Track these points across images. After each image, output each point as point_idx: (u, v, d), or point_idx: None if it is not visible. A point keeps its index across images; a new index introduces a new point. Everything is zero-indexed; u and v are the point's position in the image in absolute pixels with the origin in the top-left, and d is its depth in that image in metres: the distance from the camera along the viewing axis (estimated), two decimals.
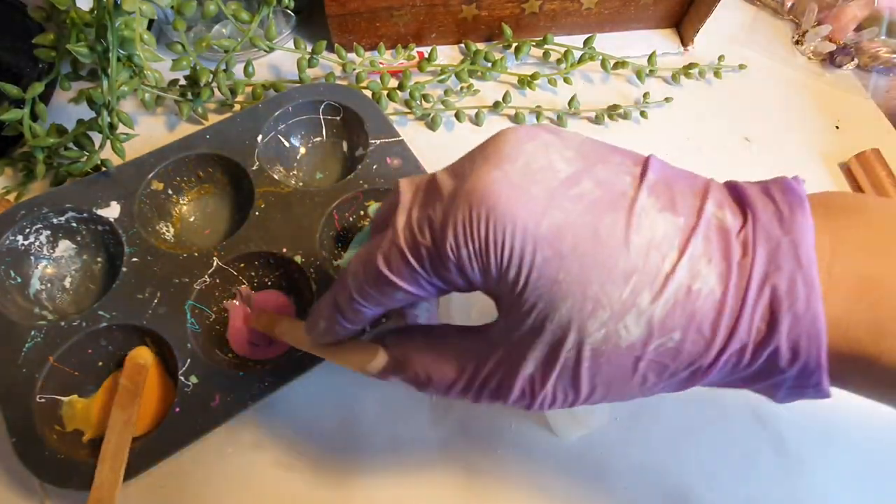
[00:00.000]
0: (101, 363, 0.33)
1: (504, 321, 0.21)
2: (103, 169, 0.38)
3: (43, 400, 0.31)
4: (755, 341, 0.18)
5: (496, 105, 0.45)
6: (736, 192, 0.20)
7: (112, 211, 0.36)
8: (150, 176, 0.37)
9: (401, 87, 0.45)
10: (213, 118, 0.45)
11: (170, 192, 0.38)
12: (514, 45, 0.48)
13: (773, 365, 0.19)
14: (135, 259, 0.34)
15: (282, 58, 0.48)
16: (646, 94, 0.48)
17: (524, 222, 0.18)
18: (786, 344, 0.18)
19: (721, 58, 0.51)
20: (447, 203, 0.19)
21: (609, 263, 0.18)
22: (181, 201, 0.39)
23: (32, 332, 0.32)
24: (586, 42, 0.47)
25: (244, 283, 0.36)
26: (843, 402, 0.36)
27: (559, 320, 0.19)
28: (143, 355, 0.32)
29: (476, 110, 0.46)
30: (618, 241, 0.18)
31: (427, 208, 0.20)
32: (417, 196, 0.21)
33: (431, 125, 0.45)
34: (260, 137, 0.39)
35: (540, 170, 0.19)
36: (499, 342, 0.21)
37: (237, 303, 0.35)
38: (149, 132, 0.44)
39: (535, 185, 0.19)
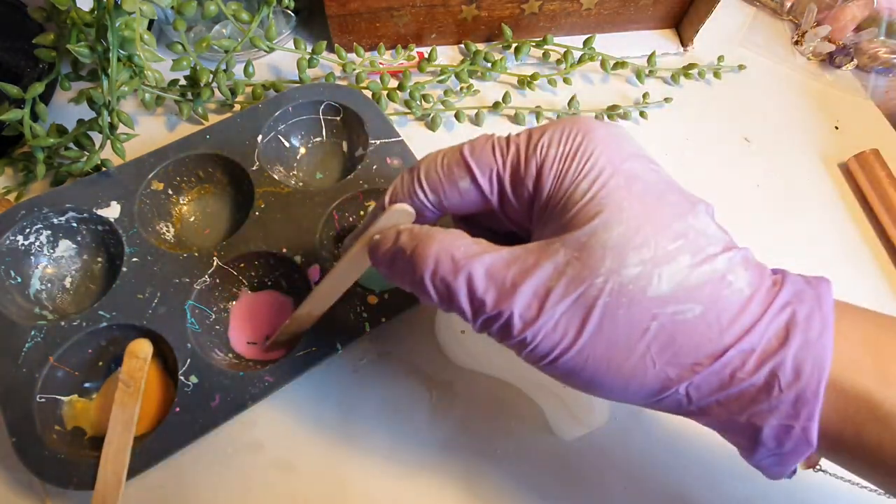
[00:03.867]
0: (101, 363, 0.33)
1: (539, 239, 0.21)
2: (103, 169, 0.38)
3: (43, 400, 0.31)
4: (764, 350, 0.19)
5: (496, 105, 0.45)
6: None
7: (112, 211, 0.36)
8: (150, 176, 0.37)
9: (401, 87, 0.45)
10: (213, 118, 0.45)
11: (170, 192, 0.38)
12: (514, 45, 0.48)
13: (772, 383, 0.19)
14: (135, 259, 0.34)
15: (282, 58, 0.48)
16: (645, 95, 0.48)
17: (611, 153, 0.21)
18: (791, 362, 0.19)
19: (720, 58, 0.51)
20: (547, 124, 0.22)
21: (665, 221, 0.20)
22: (181, 201, 0.39)
23: (32, 332, 0.32)
24: (586, 42, 0.47)
25: (244, 284, 0.36)
26: None
27: (604, 242, 0.20)
28: (143, 349, 0.31)
29: (476, 110, 0.46)
30: (677, 212, 0.20)
31: (521, 134, 0.23)
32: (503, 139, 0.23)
33: (431, 125, 0.45)
34: (260, 137, 0.39)
35: (633, 140, 0.22)
36: (529, 249, 0.21)
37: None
38: (149, 132, 0.44)
39: (629, 142, 0.22)
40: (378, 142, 0.39)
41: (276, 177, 0.38)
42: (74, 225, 0.36)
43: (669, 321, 0.19)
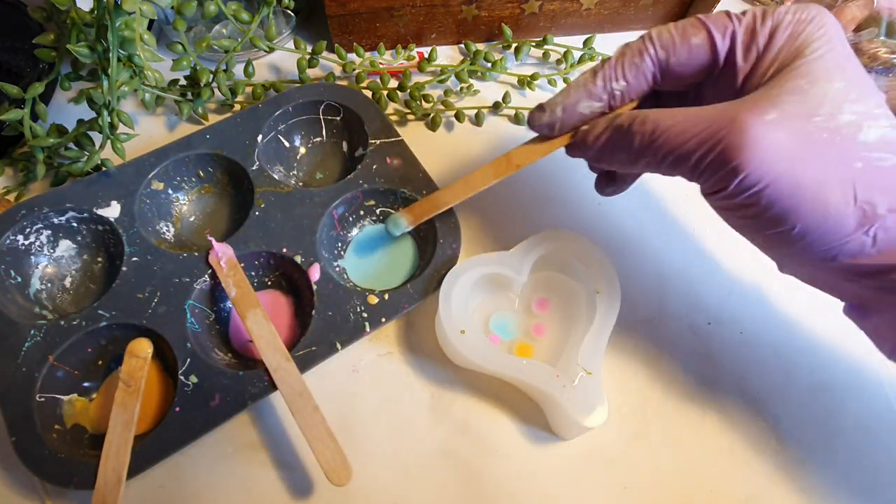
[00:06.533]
0: (100, 362, 0.33)
1: (754, 93, 0.24)
2: (103, 169, 0.38)
3: (43, 399, 0.31)
4: None
5: (496, 105, 0.45)
6: None
7: (112, 211, 0.36)
8: (151, 176, 0.37)
9: (401, 87, 0.45)
10: (213, 118, 0.45)
11: (170, 191, 0.38)
12: (514, 45, 0.48)
13: None
14: (135, 259, 0.34)
15: (282, 58, 0.48)
16: None
17: (839, 32, 0.24)
18: None
19: None
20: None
21: (872, 91, 0.24)
22: (181, 201, 0.39)
23: (32, 332, 0.32)
24: (586, 42, 0.47)
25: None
26: (845, 402, 0.36)
27: (825, 91, 0.23)
28: (143, 348, 0.32)
29: (476, 111, 0.46)
30: (875, 88, 0.24)
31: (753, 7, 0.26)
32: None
33: (431, 125, 0.45)
34: (260, 137, 0.39)
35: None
36: (746, 99, 0.24)
37: None
38: (149, 132, 0.44)
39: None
40: (378, 142, 0.39)
41: (276, 177, 0.38)
42: (74, 225, 0.36)
43: (872, 166, 0.23)
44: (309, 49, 0.45)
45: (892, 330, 0.25)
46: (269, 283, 0.37)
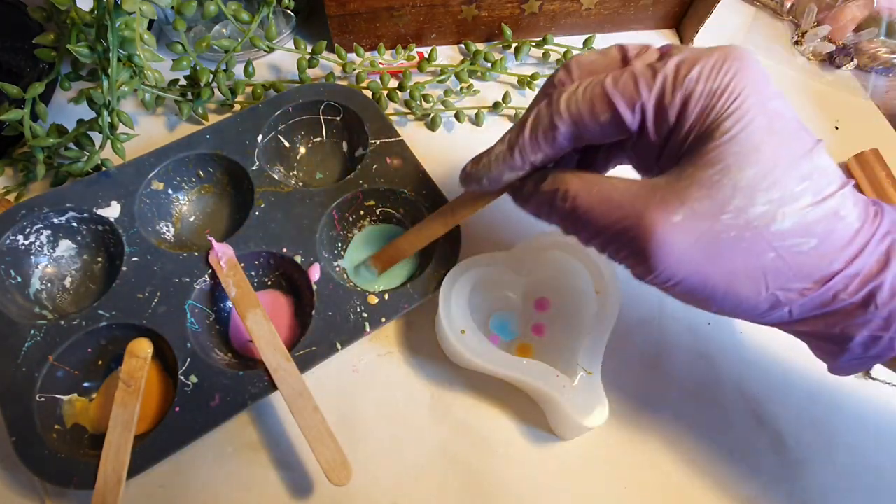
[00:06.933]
0: (100, 362, 0.33)
1: (668, 175, 0.23)
2: (103, 169, 0.38)
3: (43, 399, 0.31)
4: (865, 275, 0.22)
5: (496, 105, 0.45)
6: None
7: (112, 211, 0.36)
8: (151, 176, 0.37)
9: (401, 87, 0.45)
10: (213, 118, 0.45)
11: (170, 191, 0.38)
12: (514, 45, 0.48)
13: (869, 302, 0.22)
14: (135, 259, 0.34)
15: (282, 58, 0.48)
16: None
17: (760, 92, 0.22)
18: (889, 284, 0.22)
19: None
20: (695, 51, 0.23)
21: (795, 160, 0.22)
22: (181, 201, 0.39)
23: (32, 332, 0.32)
24: (586, 42, 0.47)
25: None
26: (844, 402, 0.36)
27: (736, 182, 0.21)
28: (143, 348, 0.32)
29: (476, 111, 0.46)
30: (805, 149, 0.22)
31: (664, 57, 0.23)
32: (646, 50, 0.25)
33: (431, 125, 0.45)
34: (260, 137, 0.39)
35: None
36: (657, 184, 0.23)
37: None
38: (149, 132, 0.44)
39: (770, 82, 0.23)
40: (378, 142, 0.39)
41: (276, 177, 0.38)
42: (74, 225, 0.36)
43: (787, 253, 0.22)
44: (309, 49, 0.45)
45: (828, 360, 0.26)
46: (269, 283, 0.37)
